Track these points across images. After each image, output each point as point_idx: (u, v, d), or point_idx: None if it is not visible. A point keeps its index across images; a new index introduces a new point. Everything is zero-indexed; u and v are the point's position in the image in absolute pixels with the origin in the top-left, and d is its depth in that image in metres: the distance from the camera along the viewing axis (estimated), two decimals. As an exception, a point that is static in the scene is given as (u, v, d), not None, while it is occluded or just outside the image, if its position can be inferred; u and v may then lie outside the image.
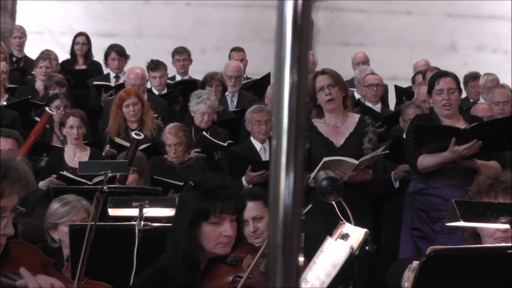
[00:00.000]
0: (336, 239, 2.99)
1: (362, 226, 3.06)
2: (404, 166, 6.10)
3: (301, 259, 1.00)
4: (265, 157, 6.49)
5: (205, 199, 3.01)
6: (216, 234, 3.02)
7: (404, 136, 6.13)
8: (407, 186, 5.90)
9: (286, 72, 0.98)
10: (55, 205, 4.51)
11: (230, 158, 6.40)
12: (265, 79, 8.58)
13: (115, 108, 6.93)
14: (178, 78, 9.07)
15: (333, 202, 3.04)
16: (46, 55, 8.70)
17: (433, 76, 5.83)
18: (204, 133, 6.83)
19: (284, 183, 0.99)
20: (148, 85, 8.32)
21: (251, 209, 4.21)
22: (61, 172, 6.16)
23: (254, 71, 9.75)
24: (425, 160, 5.48)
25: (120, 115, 6.90)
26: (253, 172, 6.07)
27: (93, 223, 3.58)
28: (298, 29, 0.95)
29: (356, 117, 5.68)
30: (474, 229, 3.58)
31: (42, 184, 6.11)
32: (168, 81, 8.62)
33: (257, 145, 6.56)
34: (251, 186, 6.02)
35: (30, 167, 2.56)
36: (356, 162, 5.22)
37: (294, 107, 0.98)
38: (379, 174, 6.35)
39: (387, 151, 5.59)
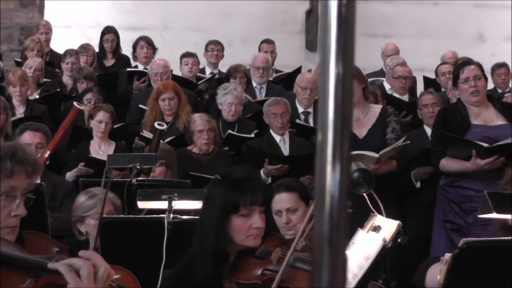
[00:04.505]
0: (367, 231, 2.97)
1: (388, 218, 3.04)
2: (426, 168, 6.06)
3: (348, 251, 0.98)
4: (284, 148, 6.50)
5: (234, 191, 3.00)
6: (246, 227, 3.01)
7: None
8: (429, 184, 5.87)
9: (331, 62, 0.96)
10: (81, 198, 4.53)
11: (248, 152, 6.41)
12: (296, 73, 8.56)
13: (152, 100, 7.00)
14: (208, 70, 9.12)
15: (364, 194, 3.03)
16: (86, 49, 8.78)
17: (457, 67, 5.80)
18: (230, 131, 6.83)
19: (330, 175, 0.98)
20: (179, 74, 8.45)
21: (286, 200, 4.18)
22: (89, 155, 6.18)
23: (281, 63, 9.73)
24: (447, 165, 5.46)
25: (157, 107, 6.97)
26: (270, 165, 6.08)
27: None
28: (343, 18, 0.93)
29: (378, 108, 5.64)
30: (504, 222, 3.55)
31: (69, 175, 6.14)
32: (200, 74, 8.69)
33: (277, 137, 6.56)
34: (269, 179, 6.03)
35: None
36: (377, 155, 5.19)
37: (339, 98, 0.96)
38: (399, 168, 6.25)
39: (408, 142, 5.54)
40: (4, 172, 2.41)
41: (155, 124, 5.86)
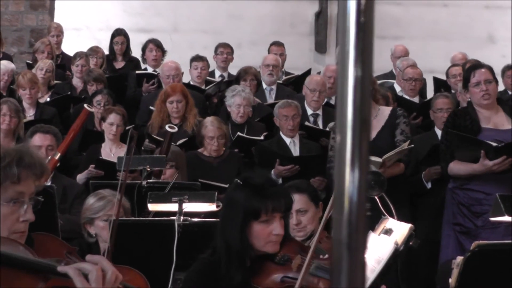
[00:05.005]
0: (379, 234, 2.96)
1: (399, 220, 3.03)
2: (436, 168, 6.03)
3: (366, 256, 0.97)
4: (294, 150, 6.52)
5: (256, 198, 2.99)
6: (266, 233, 3.01)
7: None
8: (440, 185, 5.84)
9: (350, 65, 0.96)
10: (91, 200, 4.53)
11: (259, 153, 6.42)
12: (305, 75, 8.54)
13: (159, 102, 7.00)
14: (218, 73, 9.12)
15: (375, 197, 3.01)
16: (95, 51, 8.81)
17: (467, 70, 5.77)
18: (239, 133, 6.84)
19: (349, 179, 0.97)
20: (187, 79, 8.44)
21: (296, 201, 4.16)
22: (99, 157, 6.19)
23: (289, 65, 9.72)
24: (456, 168, 5.44)
25: (164, 110, 6.97)
26: (281, 166, 6.08)
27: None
28: (361, 22, 0.92)
29: (387, 110, 5.63)
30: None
31: (80, 177, 6.14)
32: (209, 78, 8.68)
33: (287, 139, 6.57)
34: (280, 180, 6.04)
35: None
36: (380, 160, 5.17)
37: (358, 101, 0.95)
38: (410, 170, 6.23)
39: (412, 145, 5.52)
40: (12, 178, 2.38)
41: (166, 127, 5.86)
